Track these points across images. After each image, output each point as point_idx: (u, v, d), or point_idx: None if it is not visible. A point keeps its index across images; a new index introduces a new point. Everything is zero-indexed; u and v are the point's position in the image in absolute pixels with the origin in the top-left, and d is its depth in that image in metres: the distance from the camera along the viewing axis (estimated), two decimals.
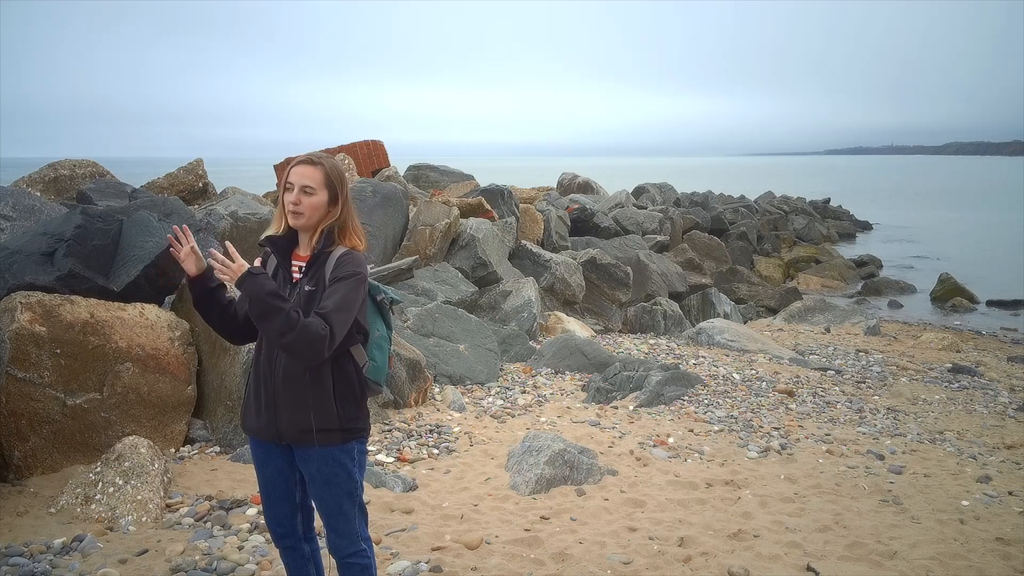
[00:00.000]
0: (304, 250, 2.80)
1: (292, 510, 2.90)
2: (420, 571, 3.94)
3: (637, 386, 7.55)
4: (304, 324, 2.53)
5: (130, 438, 4.90)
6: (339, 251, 2.74)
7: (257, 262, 2.87)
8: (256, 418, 2.79)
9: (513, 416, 6.85)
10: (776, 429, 6.70)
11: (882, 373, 9.24)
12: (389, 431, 6.18)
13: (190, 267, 2.73)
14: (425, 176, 17.89)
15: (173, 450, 5.58)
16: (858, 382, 8.70)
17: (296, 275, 2.77)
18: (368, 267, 2.82)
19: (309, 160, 2.73)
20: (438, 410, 6.82)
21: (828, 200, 40.68)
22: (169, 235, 2.73)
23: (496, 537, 4.36)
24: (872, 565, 4.17)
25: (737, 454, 6.03)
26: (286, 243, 2.78)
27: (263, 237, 2.79)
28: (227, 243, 2.65)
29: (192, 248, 2.73)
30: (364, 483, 5.16)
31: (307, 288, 2.70)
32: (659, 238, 17.53)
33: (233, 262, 2.57)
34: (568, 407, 7.16)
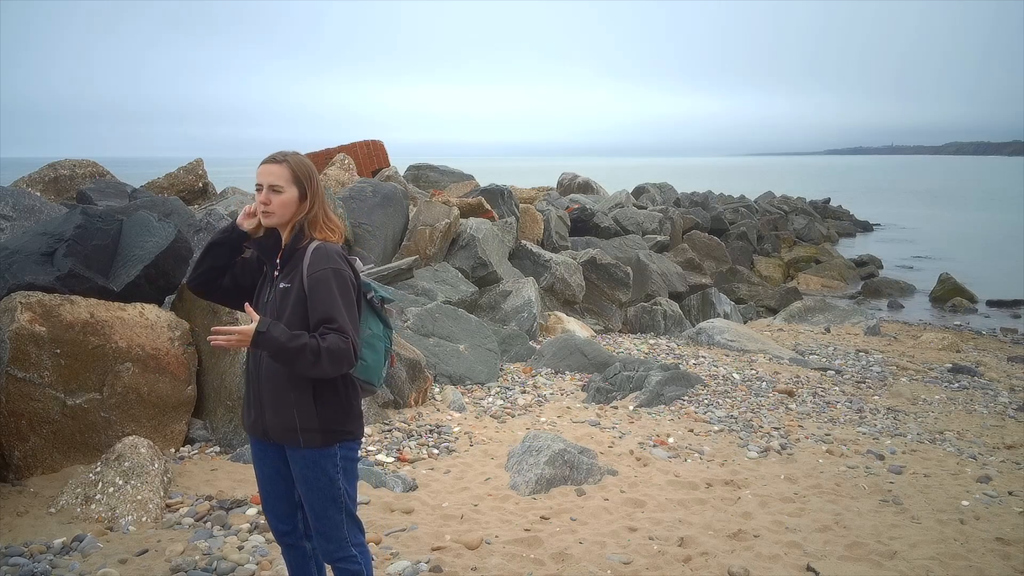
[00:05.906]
0: None
1: (292, 508, 2.89)
2: (420, 571, 3.94)
3: (637, 386, 7.55)
4: (327, 347, 2.53)
5: (130, 438, 4.90)
6: (312, 245, 2.72)
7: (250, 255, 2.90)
8: (248, 416, 2.83)
9: (513, 416, 6.85)
10: (776, 429, 6.70)
11: (882, 373, 9.24)
12: (389, 431, 6.18)
13: (250, 225, 2.77)
14: (425, 176, 17.87)
15: (173, 450, 5.58)
16: (858, 382, 8.70)
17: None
18: (355, 261, 2.81)
19: (273, 159, 2.73)
20: (438, 410, 6.82)
21: (828, 200, 40.70)
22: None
23: (496, 537, 4.36)
24: (872, 565, 4.17)
25: (737, 454, 6.03)
26: (272, 243, 2.79)
27: (248, 241, 2.81)
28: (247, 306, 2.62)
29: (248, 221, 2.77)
30: (364, 483, 5.10)
31: (281, 285, 2.70)
32: (659, 238, 17.53)
33: (232, 333, 2.49)
34: (568, 407, 7.16)
